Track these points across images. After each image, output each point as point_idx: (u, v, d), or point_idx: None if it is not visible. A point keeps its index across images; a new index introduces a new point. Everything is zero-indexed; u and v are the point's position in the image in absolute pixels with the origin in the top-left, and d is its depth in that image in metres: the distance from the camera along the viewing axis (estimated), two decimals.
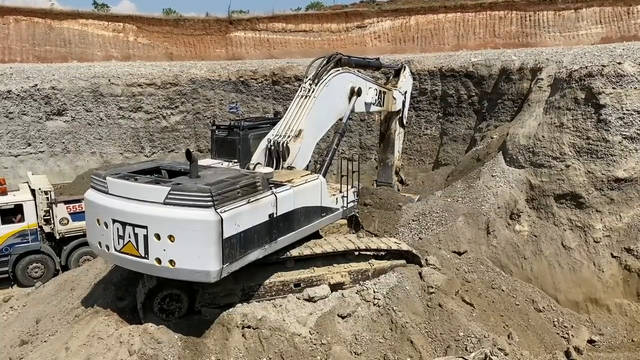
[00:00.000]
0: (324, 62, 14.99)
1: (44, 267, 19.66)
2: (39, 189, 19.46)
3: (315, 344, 11.57)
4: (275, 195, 11.37)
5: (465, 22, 36.70)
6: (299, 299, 12.34)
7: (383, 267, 13.60)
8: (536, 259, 17.31)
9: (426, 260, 14.60)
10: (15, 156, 26.42)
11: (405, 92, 19.91)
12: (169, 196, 10.11)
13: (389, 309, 12.46)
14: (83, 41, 35.86)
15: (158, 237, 10.10)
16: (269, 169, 12.65)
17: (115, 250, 10.74)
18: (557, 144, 18.19)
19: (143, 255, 10.34)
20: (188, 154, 11.21)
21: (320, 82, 14.35)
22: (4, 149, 26.21)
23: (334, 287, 12.79)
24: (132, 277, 13.07)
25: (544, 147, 18.45)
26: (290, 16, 39.35)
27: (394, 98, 18.91)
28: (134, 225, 10.32)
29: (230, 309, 11.81)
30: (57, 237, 19.58)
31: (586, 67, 18.56)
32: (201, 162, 13.68)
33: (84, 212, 19.36)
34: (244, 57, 37.59)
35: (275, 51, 38.00)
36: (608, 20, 34.33)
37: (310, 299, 12.37)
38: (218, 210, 10.05)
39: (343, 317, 12.27)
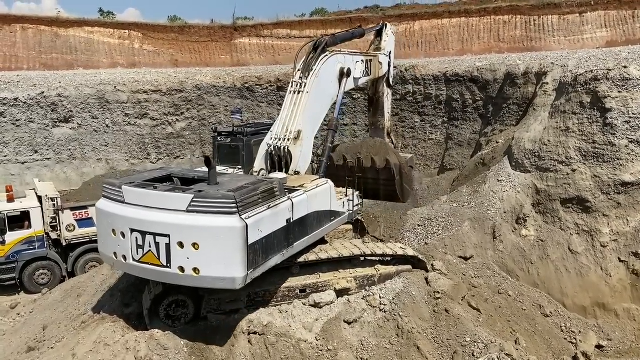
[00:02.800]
0: (311, 50, 14.41)
1: (51, 273, 19.72)
2: (46, 195, 19.55)
3: (321, 350, 11.55)
4: (292, 201, 11.42)
5: (470, 27, 36.69)
6: (304, 304, 12.32)
7: (389, 272, 13.57)
8: (543, 264, 17.23)
9: (432, 265, 14.55)
10: (22, 163, 26.56)
11: (390, 52, 19.27)
12: (192, 204, 10.00)
13: (395, 315, 12.42)
14: (89, 48, 36.08)
15: (181, 245, 9.97)
16: (283, 175, 12.65)
17: (134, 260, 10.54)
18: (563, 148, 18.14)
19: (165, 264, 10.18)
20: (207, 161, 11.15)
21: (311, 74, 13.86)
22: (11, 156, 26.36)
23: (340, 293, 12.77)
24: (139, 283, 13.09)
25: (549, 152, 18.39)
26: (294, 22, 39.47)
27: (380, 63, 18.28)
28: (155, 234, 10.15)
29: (236, 315, 11.81)
30: (64, 243, 19.65)
31: (592, 71, 18.52)
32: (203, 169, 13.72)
33: (90, 218, 19.68)
34: (249, 64, 37.72)
35: (280, 57, 38.09)
36: (613, 24, 34.26)
37: (316, 305, 12.36)
38: (243, 217, 10.02)
39: (349, 323, 12.24)
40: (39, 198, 19.75)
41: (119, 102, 28.48)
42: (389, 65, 19.16)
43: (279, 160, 13.35)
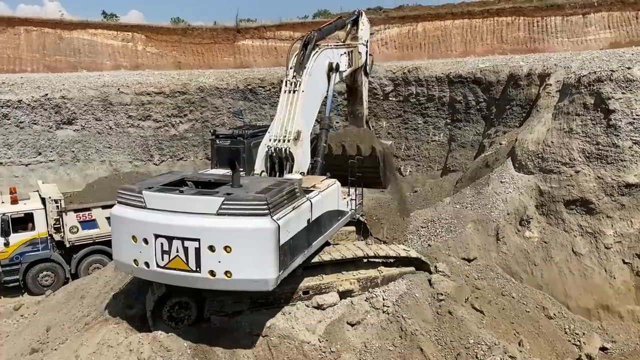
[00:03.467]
0: (301, 47, 14.19)
1: (54, 275, 19.77)
2: (49, 197, 19.60)
3: (324, 352, 11.54)
4: (310, 201, 11.51)
5: (473, 28, 36.65)
6: (307, 306, 12.32)
7: (392, 274, 13.55)
8: (546, 266, 17.19)
9: (435, 267, 14.54)
10: (26, 165, 26.65)
11: (367, 41, 19.09)
12: (223, 206, 9.92)
13: (398, 317, 12.41)
14: (92, 51, 36.16)
15: (212, 249, 9.86)
16: (298, 176, 12.65)
17: (158, 266, 10.31)
18: (566, 149, 18.10)
19: (194, 269, 10.02)
20: (232, 164, 11.18)
21: (305, 72, 13.72)
22: (14, 158, 26.44)
23: (343, 295, 12.76)
24: (142, 285, 13.11)
25: (553, 153, 18.36)
26: (297, 24, 39.48)
27: (360, 52, 18.15)
28: (183, 239, 9.99)
29: (239, 317, 11.81)
30: (67, 245, 19.69)
31: (595, 72, 18.48)
32: (203, 172, 13.72)
33: (93, 220, 19.73)
34: (252, 65, 37.75)
35: (283, 59, 37.77)
36: (616, 25, 34.18)
37: (319, 307, 12.35)
38: (274, 218, 10.02)
39: (352, 325, 12.23)
40: (43, 200, 19.82)
41: (122, 104, 28.54)
42: (366, 54, 19.06)
43: (280, 161, 13.27)
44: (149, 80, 30.41)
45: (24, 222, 19.45)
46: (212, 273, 9.98)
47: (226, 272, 9.92)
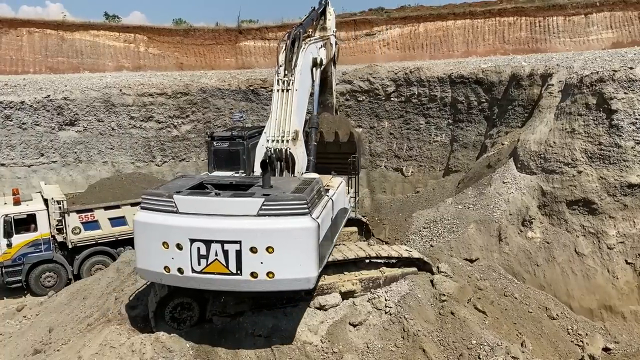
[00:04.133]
0: (289, 45, 13.99)
1: (57, 276, 19.79)
2: (52, 198, 19.63)
3: (326, 353, 11.54)
4: (332, 199, 11.67)
5: (475, 29, 36.63)
6: (310, 307, 12.31)
7: (394, 274, 13.54)
8: (549, 266, 17.16)
9: (438, 267, 14.52)
10: (29, 166, 26.69)
11: (335, 31, 18.66)
12: (263, 207, 9.88)
13: (400, 317, 12.40)
14: (94, 52, 36.23)
15: (254, 250, 9.79)
16: (315, 175, 12.64)
17: (194, 271, 10.08)
18: (568, 149, 18.07)
19: (234, 272, 9.92)
20: (264, 165, 11.18)
21: (296, 70, 13.61)
22: (17, 159, 26.49)
23: (345, 295, 12.76)
24: (144, 286, 13.15)
25: (555, 153, 18.33)
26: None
27: (332, 44, 17.85)
28: (222, 242, 9.85)
29: (241, 318, 11.81)
30: (70, 246, 19.71)
31: (597, 72, 18.46)
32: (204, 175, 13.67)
33: (96, 221, 19.75)
34: (254, 66, 37.76)
35: None
36: (619, 25, 34.14)
37: (321, 307, 12.35)
38: (313, 217, 10.10)
39: (354, 326, 12.23)
40: (45, 201, 19.85)
41: (125, 105, 28.58)
42: (336, 44, 18.73)
43: (279, 162, 13.20)
44: (151, 81, 30.46)
45: (27, 223, 19.48)
46: (253, 275, 9.90)
47: (268, 273, 9.88)
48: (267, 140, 13.07)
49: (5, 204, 19.71)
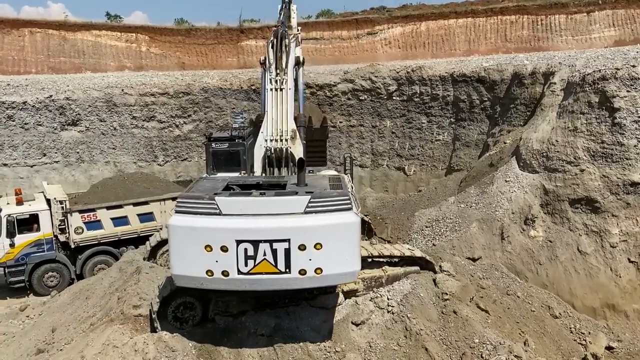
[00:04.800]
0: (277, 44, 13.99)
1: (60, 276, 19.83)
2: (54, 198, 19.66)
3: (329, 352, 11.54)
4: (354, 195, 11.85)
5: (476, 27, 36.58)
6: (312, 306, 12.30)
7: (397, 273, 13.52)
8: (552, 265, 17.14)
9: (440, 266, 14.49)
10: (31, 166, 26.74)
11: (299, 29, 18.70)
12: (310, 205, 9.98)
13: (403, 316, 12.39)
14: (96, 52, 36.25)
15: (303, 247, 9.86)
16: (334, 171, 12.63)
17: (240, 273, 10.01)
18: (571, 148, 18.04)
19: (283, 270, 9.95)
20: (301, 163, 11.26)
21: (289, 69, 13.64)
22: (19, 160, 26.54)
23: (348, 295, 12.74)
24: (147, 286, 13.16)
25: (557, 152, 18.30)
26: (300, 24, 39.24)
27: (299, 42, 17.76)
28: (271, 241, 9.85)
29: (244, 317, 11.82)
30: (72, 246, 19.74)
31: (600, 70, 18.42)
32: (213, 176, 13.65)
33: (98, 221, 19.78)
34: (256, 66, 37.63)
35: None
36: (621, 23, 34.05)
37: (323, 307, 12.33)
38: (355, 212, 10.36)
39: (357, 325, 12.22)
40: (48, 201, 19.87)
41: (127, 105, 28.60)
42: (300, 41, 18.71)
43: (279, 161, 13.17)
44: (153, 81, 30.48)
45: (29, 223, 19.52)
46: (302, 272, 9.98)
47: (316, 270, 9.98)
48: (266, 140, 13.04)
49: (8, 204, 19.75)
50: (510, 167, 19.43)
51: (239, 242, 9.85)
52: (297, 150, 13.05)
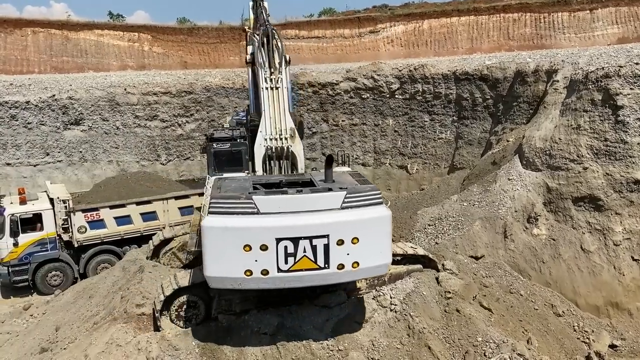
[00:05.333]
0: (267, 43, 13.95)
1: (63, 275, 19.87)
2: (58, 197, 19.70)
3: (332, 350, 11.54)
4: None
5: (479, 25, 36.53)
6: (315, 305, 12.31)
7: (399, 272, 13.52)
8: (555, 263, 17.11)
9: (443, 265, 14.49)
10: (34, 166, 26.79)
11: None
12: (346, 200, 10.18)
13: (405, 315, 12.39)
14: (99, 51, 36.30)
15: (341, 242, 10.04)
16: (347, 168, 12.65)
17: (280, 271, 10.03)
18: (574, 146, 17.99)
19: (323, 265, 10.10)
20: (330, 159, 11.40)
21: (283, 68, 13.66)
22: (23, 159, 26.59)
23: (350, 293, 12.74)
24: (150, 284, 13.18)
25: (560, 150, 18.26)
26: (302, 23, 39.45)
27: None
28: (310, 238, 9.95)
29: (247, 316, 11.83)
30: (76, 245, 19.78)
31: (603, 68, 18.36)
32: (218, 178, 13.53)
33: (101, 220, 19.81)
34: None
35: (288, 58, 38.06)
36: (624, 20, 33.95)
37: (326, 305, 12.34)
38: (385, 206, 10.65)
39: (360, 323, 12.22)
40: (51, 200, 19.91)
41: (129, 104, 28.63)
42: None
43: (280, 160, 13.12)
44: (156, 80, 30.51)
45: (33, 222, 19.56)
46: (340, 266, 10.17)
47: (354, 263, 10.20)
48: (266, 140, 13.01)
49: (11, 203, 19.80)
50: (513, 165, 19.40)
51: (279, 240, 9.90)
52: (297, 148, 13.03)
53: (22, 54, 34.75)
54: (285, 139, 12.98)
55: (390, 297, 12.75)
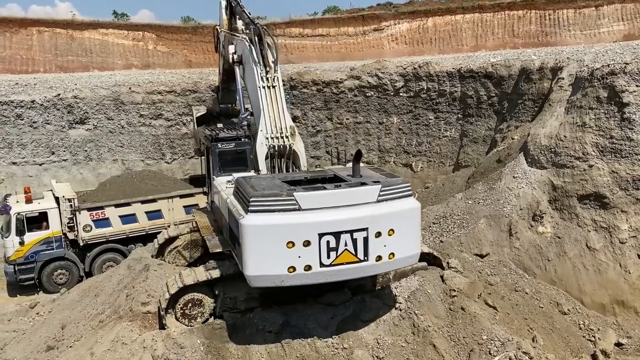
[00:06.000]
0: (257, 41, 13.84)
1: (69, 273, 19.97)
2: (63, 196, 19.79)
3: (337, 349, 11.54)
4: None
5: (484, 23, 36.43)
6: (319, 303, 12.31)
7: (404, 270, 13.47)
8: (560, 261, 17.05)
9: (448, 263, 14.45)
10: (40, 164, 26.91)
11: None
12: (381, 193, 10.42)
13: (410, 313, 12.37)
14: (104, 50, 36.40)
15: (379, 234, 10.27)
16: (362, 163, 12.66)
17: (323, 265, 10.15)
18: (579, 143, 17.92)
19: (362, 258, 10.30)
20: (359, 154, 11.55)
21: (278, 66, 13.59)
22: (28, 158, 26.71)
23: (355, 291, 12.74)
24: (155, 283, 13.21)
25: (566, 147, 18.19)
26: (307, 21, 39.44)
27: None
28: (351, 232, 10.12)
29: (252, 314, 11.84)
30: (81, 243, 19.88)
31: (608, 65, 18.27)
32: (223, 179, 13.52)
33: (107, 218, 19.89)
34: None
35: (293, 56, 38.10)
36: (630, 17, 33.79)
37: (331, 304, 12.34)
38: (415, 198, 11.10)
39: (364, 321, 12.21)
40: (56, 199, 20.01)
41: (134, 103, 28.71)
42: None
43: (281, 158, 13.09)
44: (160, 79, 30.58)
45: (39, 221, 19.67)
46: (378, 258, 10.39)
47: (390, 255, 10.47)
48: (267, 138, 12.98)
49: (17, 202, 19.91)
50: (518, 163, 19.33)
51: (321, 235, 9.99)
52: (299, 146, 13.03)
53: (28, 53, 34.88)
54: (286, 137, 12.94)
55: (395, 295, 12.74)
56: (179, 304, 11.77)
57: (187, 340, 11.10)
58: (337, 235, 10.04)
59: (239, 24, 17.11)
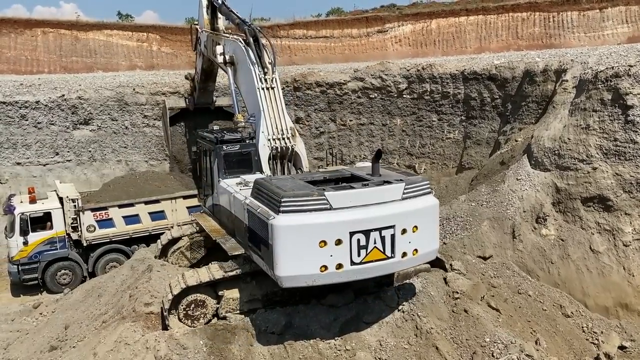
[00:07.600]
0: (252, 42, 13.97)
1: (72, 273, 20.01)
2: (67, 197, 19.84)
3: (339, 350, 11.53)
4: None
5: (488, 25, 36.41)
6: (322, 304, 12.30)
7: (407, 272, 13.40)
8: (564, 264, 17.01)
9: (451, 265, 14.43)
10: (44, 165, 26.97)
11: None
12: (405, 191, 10.68)
13: (413, 315, 12.35)
14: (108, 51, 36.50)
15: (404, 231, 10.55)
16: (367, 163, 12.71)
17: (354, 264, 10.34)
18: (583, 146, 17.89)
19: (389, 255, 10.55)
20: (379, 154, 11.76)
21: (275, 68, 13.73)
22: (32, 158, 26.78)
23: (358, 293, 12.73)
24: (158, 283, 13.24)
25: (569, 150, 18.15)
26: (310, 22, 39.49)
27: None
28: (380, 229, 10.33)
29: (254, 315, 11.85)
30: (85, 244, 19.92)
31: (612, 67, 18.23)
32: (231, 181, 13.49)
33: (110, 219, 19.93)
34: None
35: (296, 57, 38.16)
36: (634, 19, 33.72)
37: (333, 305, 12.33)
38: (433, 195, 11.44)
39: (367, 323, 12.20)
40: (60, 199, 20.06)
41: (138, 104, 28.73)
42: None
43: (283, 159, 13.08)
44: (164, 80, 30.61)
45: (42, 221, 19.72)
46: (404, 254, 10.69)
47: (414, 251, 10.79)
48: (269, 140, 13.03)
49: (21, 202, 19.96)
50: (522, 165, 19.31)
51: (352, 233, 10.17)
52: (300, 147, 13.07)
53: (32, 54, 35.01)
54: (288, 138, 13.04)
55: (398, 297, 12.73)
56: (182, 305, 11.79)
57: (189, 341, 11.11)
58: (367, 233, 10.27)
59: (221, 23, 17.22)
